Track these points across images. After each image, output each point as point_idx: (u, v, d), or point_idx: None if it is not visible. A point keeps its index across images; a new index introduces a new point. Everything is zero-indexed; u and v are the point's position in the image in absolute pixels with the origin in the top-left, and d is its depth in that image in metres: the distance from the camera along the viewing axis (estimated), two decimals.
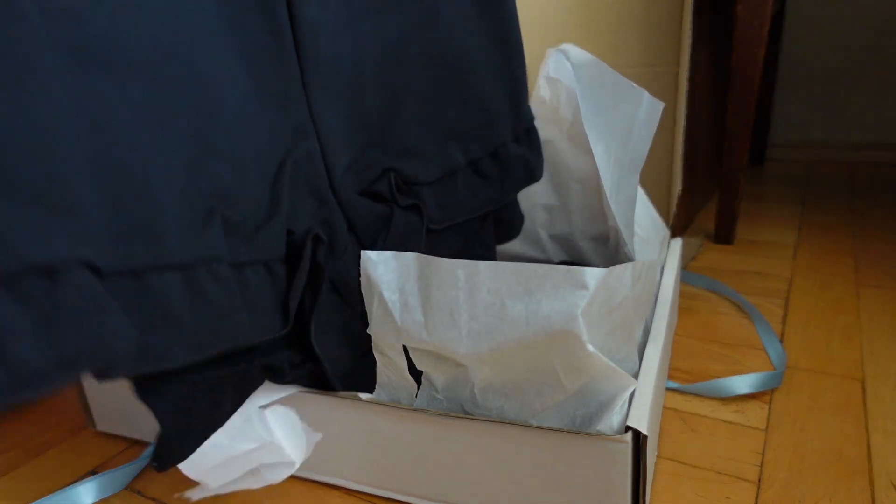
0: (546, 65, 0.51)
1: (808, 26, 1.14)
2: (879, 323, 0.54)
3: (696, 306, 0.59)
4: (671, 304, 0.44)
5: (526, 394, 0.31)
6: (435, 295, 0.30)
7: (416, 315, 0.31)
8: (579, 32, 0.58)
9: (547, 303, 0.28)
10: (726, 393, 0.44)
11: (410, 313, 0.31)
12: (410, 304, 0.31)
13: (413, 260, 0.31)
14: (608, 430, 0.29)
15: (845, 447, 0.38)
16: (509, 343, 0.29)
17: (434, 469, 0.34)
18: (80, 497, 0.37)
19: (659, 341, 0.37)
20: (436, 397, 0.34)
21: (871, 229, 0.78)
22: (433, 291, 0.30)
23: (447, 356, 0.32)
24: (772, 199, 0.96)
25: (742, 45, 0.67)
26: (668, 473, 0.37)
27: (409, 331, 0.31)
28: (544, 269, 0.28)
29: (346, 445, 0.36)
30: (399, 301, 0.31)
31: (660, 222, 0.49)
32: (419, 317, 0.31)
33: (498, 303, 0.29)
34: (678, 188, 0.52)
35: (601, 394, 0.31)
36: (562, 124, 0.49)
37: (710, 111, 0.83)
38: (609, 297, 0.29)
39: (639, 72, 0.56)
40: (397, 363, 0.33)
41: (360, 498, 0.37)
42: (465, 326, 0.30)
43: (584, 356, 0.28)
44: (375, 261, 0.31)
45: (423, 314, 0.31)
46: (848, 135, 1.17)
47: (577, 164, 0.50)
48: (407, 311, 0.31)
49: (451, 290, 0.30)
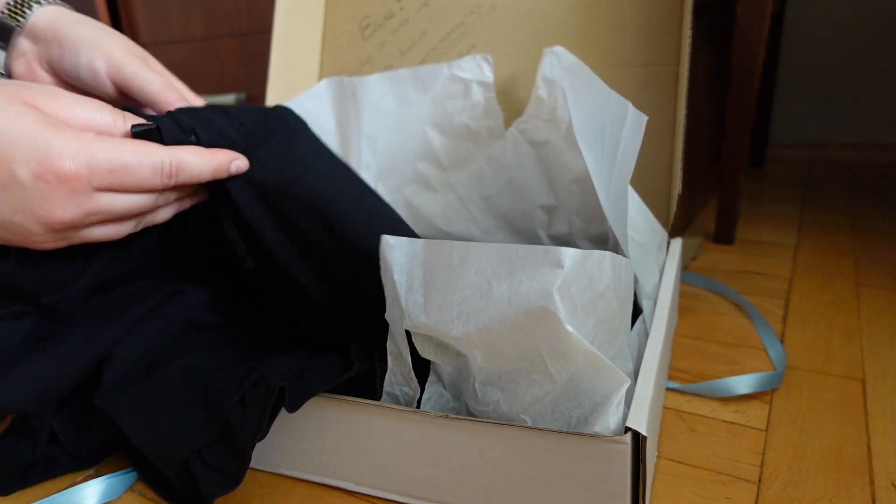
0: (543, 65, 0.51)
1: (808, 26, 1.14)
2: (879, 323, 0.53)
3: (696, 306, 0.59)
4: (671, 304, 0.44)
5: (518, 384, 0.31)
6: (434, 277, 0.31)
7: (418, 297, 0.31)
8: (579, 32, 0.58)
9: (526, 282, 0.28)
10: (726, 393, 0.44)
11: (413, 295, 0.32)
12: (414, 287, 0.32)
13: (423, 244, 0.32)
14: (605, 431, 0.29)
15: (845, 447, 0.38)
16: (494, 323, 0.29)
17: (434, 470, 0.34)
18: (83, 500, 0.37)
19: (659, 341, 0.37)
20: (443, 394, 0.35)
21: (871, 229, 0.78)
22: (433, 273, 0.31)
23: (445, 342, 0.32)
24: (772, 199, 0.96)
25: (742, 45, 0.67)
26: (668, 473, 0.37)
27: (411, 312, 0.32)
28: (525, 250, 0.28)
29: (346, 446, 0.36)
30: (406, 283, 0.32)
31: (657, 226, 0.49)
32: (420, 298, 0.31)
33: (485, 284, 0.29)
34: (678, 188, 0.52)
35: (594, 393, 0.31)
36: (560, 124, 0.49)
37: (710, 111, 0.83)
38: (590, 283, 0.29)
39: (639, 72, 0.56)
40: (403, 354, 0.34)
41: (359, 499, 0.37)
42: (457, 308, 0.30)
43: (564, 337, 0.28)
44: (392, 245, 0.32)
45: (423, 296, 0.31)
46: (848, 135, 1.17)
47: (576, 165, 0.50)
48: (411, 293, 0.32)
49: (446, 271, 0.30)
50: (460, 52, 0.63)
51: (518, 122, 0.54)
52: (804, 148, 1.21)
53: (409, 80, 0.57)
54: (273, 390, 0.33)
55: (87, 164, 0.30)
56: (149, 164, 0.32)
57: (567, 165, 0.51)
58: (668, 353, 0.47)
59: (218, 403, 0.34)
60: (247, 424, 0.33)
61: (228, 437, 0.34)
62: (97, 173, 0.30)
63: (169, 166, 0.33)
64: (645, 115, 0.39)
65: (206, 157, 0.36)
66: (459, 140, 0.57)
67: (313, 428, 0.36)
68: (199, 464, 0.34)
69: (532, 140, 0.53)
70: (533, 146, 0.53)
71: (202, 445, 0.34)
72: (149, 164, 0.32)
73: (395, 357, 0.34)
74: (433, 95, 0.56)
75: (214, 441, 0.34)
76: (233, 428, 0.34)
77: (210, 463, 0.34)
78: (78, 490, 0.37)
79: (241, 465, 0.33)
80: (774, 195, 0.98)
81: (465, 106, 0.56)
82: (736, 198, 0.74)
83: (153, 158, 0.33)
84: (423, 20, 0.64)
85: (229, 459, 0.33)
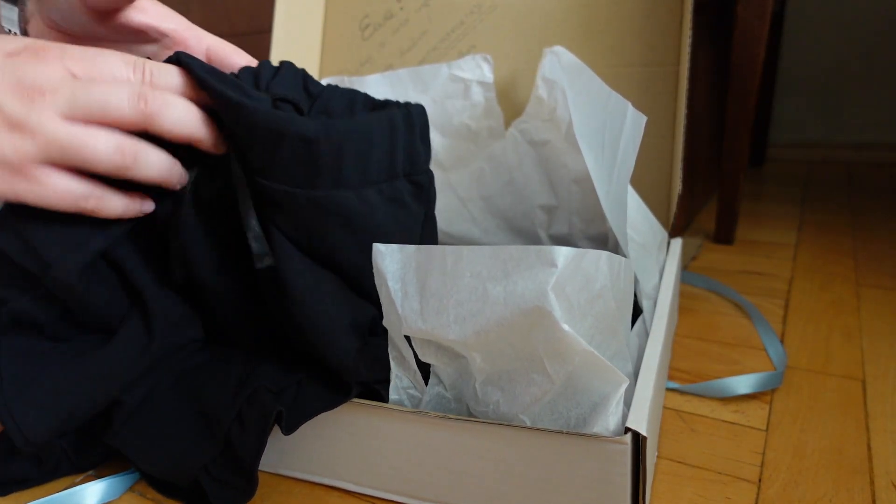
0: (542, 65, 0.51)
1: (808, 26, 1.14)
2: (879, 323, 0.53)
3: (696, 306, 0.59)
4: (671, 304, 0.44)
5: (517, 384, 0.31)
6: (429, 282, 0.31)
7: (414, 303, 0.31)
8: (579, 31, 0.58)
9: (522, 283, 0.28)
10: (726, 393, 0.44)
11: (409, 301, 0.32)
12: (409, 293, 0.32)
13: (415, 251, 0.31)
14: (604, 431, 0.29)
15: (845, 447, 0.38)
16: (491, 325, 0.29)
17: (433, 471, 0.34)
18: (83, 500, 0.37)
19: (659, 341, 0.37)
20: (444, 395, 0.35)
21: (871, 229, 0.78)
22: (428, 279, 0.31)
23: (444, 345, 0.32)
24: (772, 199, 0.96)
25: (742, 45, 0.67)
26: (668, 473, 0.37)
27: (408, 318, 0.32)
28: (519, 251, 0.28)
29: (346, 447, 0.36)
30: (400, 290, 0.32)
31: (657, 226, 0.49)
32: (416, 304, 0.31)
33: (480, 286, 0.29)
34: (678, 188, 0.52)
35: (593, 393, 0.31)
36: (560, 124, 0.49)
37: (710, 111, 0.83)
38: (587, 283, 0.29)
39: (639, 71, 0.56)
40: (406, 356, 0.34)
41: (359, 499, 0.37)
42: (453, 311, 0.30)
43: (561, 336, 0.28)
44: (383, 252, 0.32)
45: (419, 302, 0.31)
46: (848, 135, 1.17)
47: (576, 165, 0.50)
48: (406, 300, 0.32)
49: (441, 275, 0.30)
50: (460, 52, 0.63)
51: (518, 122, 0.54)
52: (804, 148, 1.21)
53: (409, 80, 0.57)
54: (269, 414, 0.33)
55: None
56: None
57: (567, 165, 0.51)
58: (668, 353, 0.47)
59: (216, 418, 0.34)
60: (247, 445, 0.33)
61: (230, 453, 0.34)
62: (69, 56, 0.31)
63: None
64: (645, 115, 0.39)
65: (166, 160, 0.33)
66: (459, 140, 0.57)
67: (313, 428, 0.36)
68: (207, 478, 0.34)
69: (532, 140, 0.53)
70: (533, 146, 0.53)
71: (208, 461, 0.34)
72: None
73: (399, 361, 0.34)
74: (433, 95, 0.56)
75: (219, 455, 0.34)
76: (234, 446, 0.34)
77: (217, 477, 0.34)
78: (78, 490, 0.37)
79: (247, 481, 0.33)
80: (774, 195, 0.98)
81: (465, 106, 0.56)
82: (736, 198, 0.74)
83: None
84: (423, 20, 0.64)
85: (235, 474, 0.34)
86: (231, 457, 0.34)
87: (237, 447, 0.34)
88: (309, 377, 0.36)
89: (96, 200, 0.32)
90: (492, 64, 0.55)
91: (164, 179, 0.33)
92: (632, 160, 0.39)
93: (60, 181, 0.31)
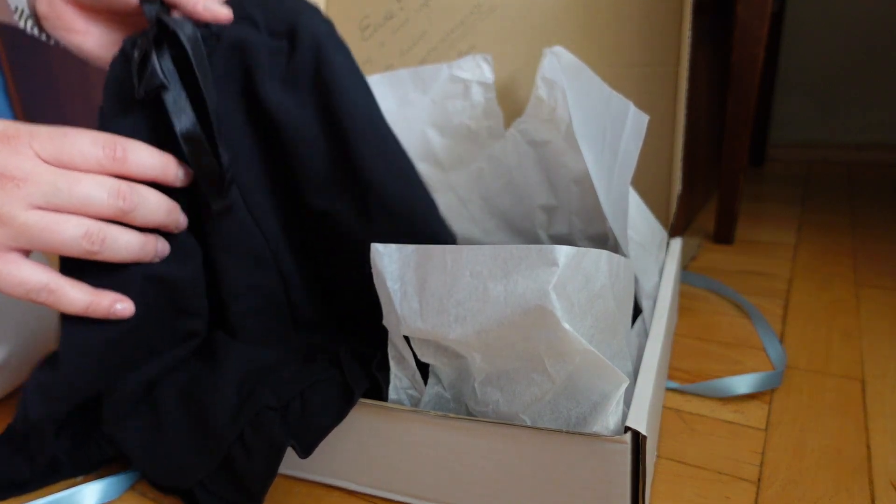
0: (542, 65, 0.51)
1: (808, 26, 1.14)
2: (879, 323, 0.54)
3: (696, 306, 0.59)
4: (671, 304, 0.44)
5: (517, 384, 0.31)
6: (428, 282, 0.31)
7: (413, 303, 0.31)
8: (579, 32, 0.58)
9: (522, 282, 0.28)
10: (726, 393, 0.44)
11: (408, 301, 0.32)
12: (408, 293, 0.32)
13: (414, 250, 0.32)
14: (604, 430, 0.29)
15: (845, 447, 0.38)
16: (492, 325, 0.29)
17: (433, 470, 0.34)
18: (83, 500, 0.37)
19: (659, 341, 0.37)
20: (443, 395, 0.35)
21: (871, 229, 0.78)
22: (427, 278, 0.31)
23: (444, 345, 0.32)
24: (772, 199, 0.96)
25: (742, 45, 0.67)
26: (668, 473, 0.37)
27: (407, 318, 0.32)
28: (520, 250, 0.28)
29: (346, 446, 0.36)
30: (399, 290, 0.32)
31: (657, 226, 0.49)
32: (415, 304, 0.31)
33: (481, 286, 0.29)
34: (678, 188, 0.52)
35: (593, 392, 0.31)
36: (560, 124, 0.49)
37: (710, 111, 0.83)
38: (587, 282, 0.29)
39: (638, 71, 0.56)
40: (405, 356, 0.34)
41: (359, 498, 0.37)
42: (453, 311, 0.30)
43: (562, 335, 0.28)
44: (382, 252, 0.32)
45: (418, 302, 0.31)
46: (848, 135, 1.17)
47: (576, 165, 0.50)
48: (405, 300, 0.32)
49: (440, 275, 0.30)
50: (460, 52, 0.63)
51: (518, 122, 0.54)
52: (804, 148, 1.21)
53: (409, 81, 0.57)
54: (280, 447, 0.32)
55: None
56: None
57: (567, 165, 0.51)
58: (667, 352, 0.47)
59: (214, 433, 0.34)
60: (255, 473, 0.33)
61: (230, 472, 0.34)
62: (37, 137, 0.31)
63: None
64: (646, 116, 0.39)
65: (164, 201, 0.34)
66: (459, 140, 0.57)
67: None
68: (203, 492, 0.34)
69: (532, 140, 0.53)
70: (533, 146, 0.53)
71: (203, 476, 0.34)
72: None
73: (398, 361, 0.34)
74: (433, 96, 0.56)
75: (215, 471, 0.34)
76: (236, 470, 0.33)
77: (213, 492, 0.34)
78: (78, 490, 0.37)
79: (249, 502, 0.33)
80: (774, 195, 0.98)
81: (464, 106, 0.56)
82: (736, 198, 0.74)
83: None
84: (423, 20, 0.64)
85: (234, 493, 0.34)
86: (230, 476, 0.34)
87: (242, 475, 0.33)
88: (310, 388, 0.35)
89: (48, 294, 0.32)
90: (492, 64, 0.55)
91: (134, 259, 0.34)
92: (633, 160, 0.39)
93: (22, 270, 0.32)
